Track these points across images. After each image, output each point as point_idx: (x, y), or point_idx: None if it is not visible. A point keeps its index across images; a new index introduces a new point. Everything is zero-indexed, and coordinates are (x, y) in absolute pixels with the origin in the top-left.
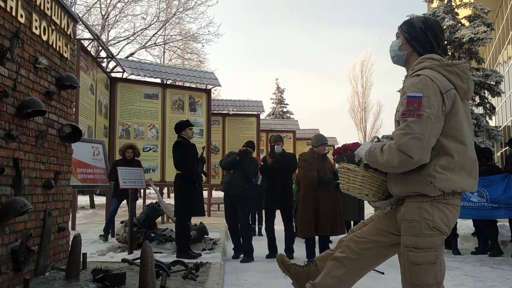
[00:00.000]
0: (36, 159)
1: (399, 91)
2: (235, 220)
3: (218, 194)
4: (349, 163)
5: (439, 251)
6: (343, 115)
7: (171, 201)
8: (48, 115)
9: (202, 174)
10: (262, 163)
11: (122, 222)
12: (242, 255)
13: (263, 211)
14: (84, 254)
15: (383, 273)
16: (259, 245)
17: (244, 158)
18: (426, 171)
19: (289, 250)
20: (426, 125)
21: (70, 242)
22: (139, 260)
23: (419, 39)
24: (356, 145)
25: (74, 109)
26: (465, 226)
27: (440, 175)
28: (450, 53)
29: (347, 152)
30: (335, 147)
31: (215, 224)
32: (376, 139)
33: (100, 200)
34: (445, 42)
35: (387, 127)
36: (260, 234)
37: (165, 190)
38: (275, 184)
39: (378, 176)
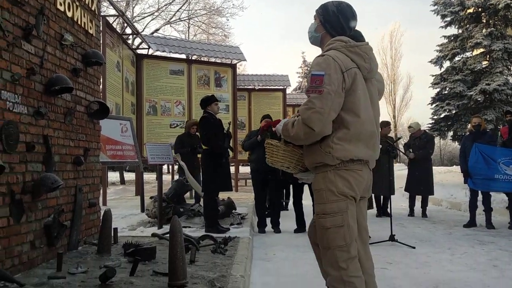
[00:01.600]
0: (65, 136)
1: (430, 61)
2: (264, 196)
3: (245, 169)
4: (273, 139)
5: (345, 215)
6: None
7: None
8: (75, 92)
9: (229, 149)
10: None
11: (151, 198)
12: (271, 229)
13: (290, 186)
14: (115, 229)
15: (414, 248)
16: (286, 220)
17: (264, 139)
18: (325, 142)
19: None
20: (327, 100)
21: (101, 218)
22: (168, 235)
23: (332, 22)
24: (278, 122)
25: (101, 86)
26: (500, 199)
27: (337, 146)
28: (484, 21)
29: (271, 129)
30: None
31: (243, 199)
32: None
33: (129, 176)
34: (478, 9)
35: (417, 99)
36: (286, 208)
37: None
38: None
39: (297, 150)
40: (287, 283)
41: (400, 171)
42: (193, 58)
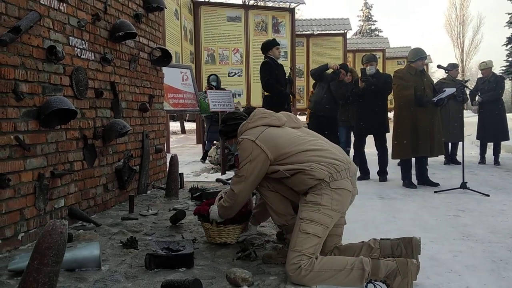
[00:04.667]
0: (130, 82)
1: None
2: None
3: (303, 118)
4: (206, 223)
5: (326, 231)
6: (438, 31)
7: None
8: (138, 38)
9: (291, 95)
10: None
11: (213, 145)
12: None
13: (351, 134)
14: (181, 174)
15: (488, 195)
16: None
17: (334, 78)
18: (306, 175)
19: (383, 173)
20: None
21: (167, 163)
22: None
23: None
24: (204, 208)
25: (162, 33)
26: None
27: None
28: None
29: (203, 213)
30: (426, 67)
31: None
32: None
33: (189, 125)
34: None
35: (488, 42)
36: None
37: None
38: (368, 109)
39: (231, 228)
40: (357, 228)
41: (468, 118)
42: (250, 3)
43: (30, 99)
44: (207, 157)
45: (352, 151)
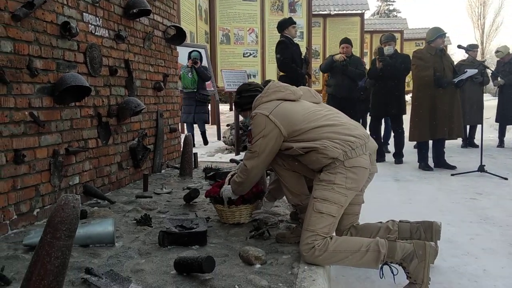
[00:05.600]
0: (145, 61)
1: None
2: None
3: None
4: (218, 204)
5: (341, 209)
6: (458, 12)
7: None
8: (153, 16)
9: (306, 76)
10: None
11: (228, 125)
12: None
13: (368, 114)
14: (195, 154)
15: (506, 179)
16: None
17: (344, 70)
18: (319, 151)
19: (399, 155)
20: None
21: (181, 143)
22: None
23: None
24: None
25: (177, 11)
26: None
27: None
28: None
29: (214, 196)
30: (445, 48)
31: None
32: None
33: None
34: None
35: (510, 24)
36: None
37: None
38: (385, 90)
39: (242, 207)
40: (372, 210)
41: (486, 102)
42: None
43: (45, 75)
44: (221, 138)
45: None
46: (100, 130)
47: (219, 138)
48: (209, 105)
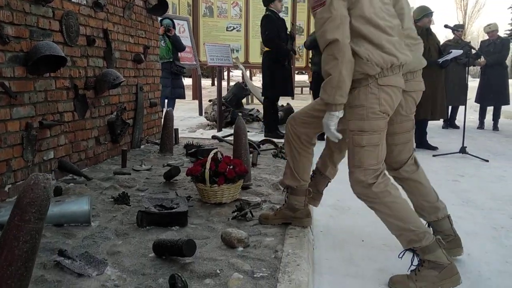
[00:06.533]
0: (124, 31)
1: None
2: None
3: (301, 77)
4: (199, 183)
5: (383, 133)
6: None
7: (254, 83)
8: None
9: (291, 52)
10: None
11: (210, 101)
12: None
13: None
14: (176, 130)
15: (487, 161)
16: None
17: None
18: (360, 54)
19: None
20: (335, 5)
21: (162, 118)
22: (228, 138)
23: None
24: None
25: None
26: None
27: (373, 52)
28: None
29: (195, 174)
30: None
31: (299, 106)
32: None
33: (185, 81)
34: None
35: (491, 7)
36: None
37: (248, 73)
38: None
39: (227, 187)
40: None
41: (469, 82)
42: None
43: (17, 43)
44: (203, 113)
45: None
46: (76, 103)
47: (200, 114)
48: (184, 79)
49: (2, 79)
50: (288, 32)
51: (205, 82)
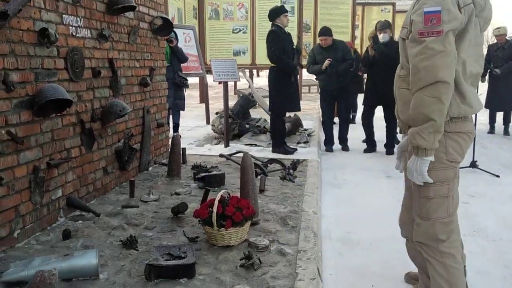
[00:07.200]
0: (130, 56)
1: None
2: (332, 113)
3: (309, 75)
4: (208, 226)
5: (452, 184)
6: None
7: (260, 80)
8: (138, 7)
9: (298, 66)
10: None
11: (217, 113)
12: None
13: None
14: (183, 149)
15: (498, 176)
16: (355, 136)
17: (332, 70)
18: None
19: (390, 146)
20: (449, 40)
21: (169, 136)
22: (236, 155)
23: None
24: (204, 212)
25: None
26: None
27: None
28: None
29: (203, 218)
30: None
31: (307, 110)
32: None
33: (192, 80)
34: None
35: (498, 4)
36: (353, 121)
37: (254, 71)
38: (378, 79)
39: (235, 230)
40: (361, 218)
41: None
42: None
43: (22, 88)
44: (211, 126)
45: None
46: (83, 137)
47: (208, 123)
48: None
49: (9, 126)
50: (294, 47)
51: (212, 81)
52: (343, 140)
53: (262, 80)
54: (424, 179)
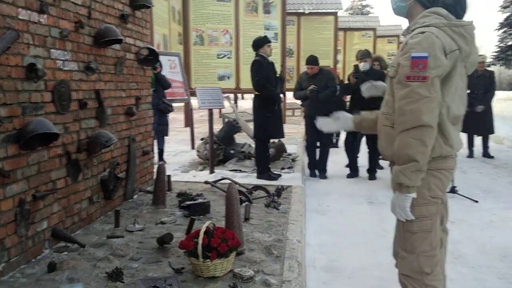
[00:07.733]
0: (116, 87)
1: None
2: (317, 138)
3: (293, 99)
4: (192, 258)
5: (434, 219)
6: None
7: (244, 102)
8: (124, 39)
9: (281, 95)
10: (346, 81)
11: (202, 139)
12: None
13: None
14: (169, 176)
15: (477, 201)
16: (338, 161)
17: (314, 96)
18: None
19: (372, 171)
20: (434, 87)
21: (155, 164)
22: (221, 181)
23: None
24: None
25: (149, 29)
26: None
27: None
28: None
29: (189, 250)
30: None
31: (292, 133)
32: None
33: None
34: None
35: (478, 27)
36: (336, 145)
37: (239, 95)
38: (361, 106)
39: (220, 261)
40: (345, 245)
41: None
42: None
43: (9, 122)
44: (196, 151)
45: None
46: (69, 168)
47: (192, 148)
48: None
49: None
50: (277, 75)
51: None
52: (322, 169)
53: (246, 103)
54: (407, 216)
